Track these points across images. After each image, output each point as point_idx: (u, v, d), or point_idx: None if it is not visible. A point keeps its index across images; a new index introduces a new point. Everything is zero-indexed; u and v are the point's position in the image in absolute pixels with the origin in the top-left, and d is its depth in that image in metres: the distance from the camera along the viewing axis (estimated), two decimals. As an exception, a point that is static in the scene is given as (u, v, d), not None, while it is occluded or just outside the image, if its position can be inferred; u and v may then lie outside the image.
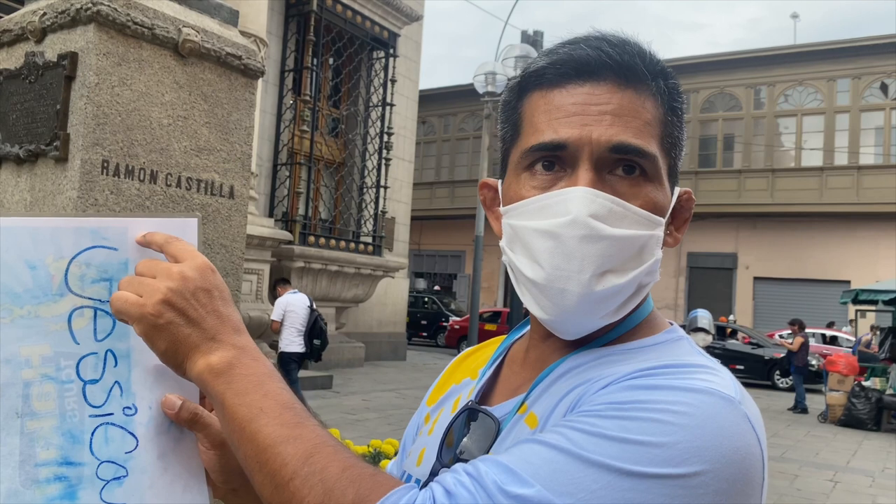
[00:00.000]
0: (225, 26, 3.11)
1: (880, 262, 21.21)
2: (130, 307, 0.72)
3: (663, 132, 0.76)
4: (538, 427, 0.74)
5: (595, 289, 0.72)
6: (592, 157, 0.73)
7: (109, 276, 0.76)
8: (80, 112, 2.54)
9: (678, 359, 0.73)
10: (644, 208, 0.74)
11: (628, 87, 0.74)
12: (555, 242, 0.72)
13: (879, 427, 11.37)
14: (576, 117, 0.74)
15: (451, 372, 1.00)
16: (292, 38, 13.33)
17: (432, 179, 28.62)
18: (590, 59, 0.74)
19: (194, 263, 0.74)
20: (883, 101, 22.28)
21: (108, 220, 0.77)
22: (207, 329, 0.72)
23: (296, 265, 11.96)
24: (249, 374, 0.71)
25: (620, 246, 0.72)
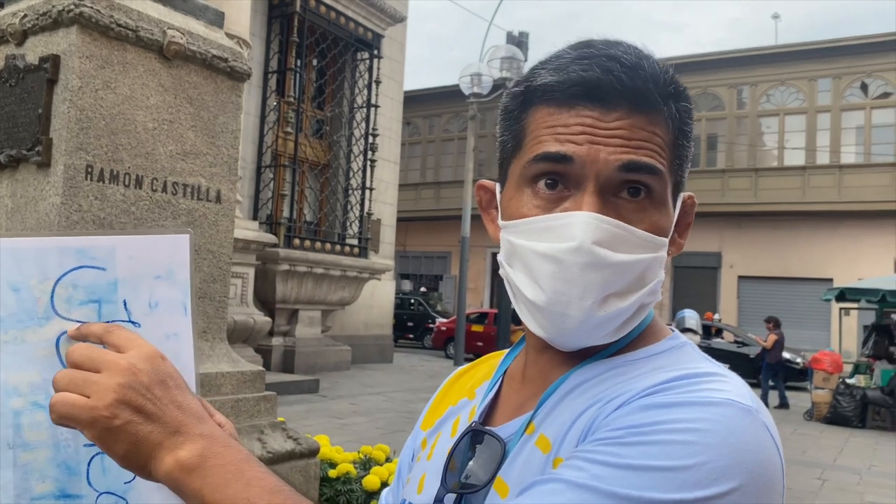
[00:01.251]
0: (210, 28, 3.06)
1: (862, 260, 21.41)
2: (80, 411, 0.64)
3: (673, 155, 0.75)
4: (552, 452, 0.71)
5: (597, 314, 0.71)
6: (599, 178, 0.71)
7: (98, 297, 0.71)
8: (63, 116, 2.48)
9: (687, 368, 0.71)
10: (649, 231, 0.73)
11: (640, 112, 0.73)
12: (557, 267, 0.71)
13: (864, 424, 11.46)
14: (583, 136, 0.72)
15: (444, 392, 0.97)
16: (275, 39, 13.24)
17: (417, 181, 28.58)
18: (601, 83, 0.72)
19: (142, 353, 0.67)
20: (863, 100, 22.50)
21: (95, 238, 0.72)
22: (169, 423, 0.65)
23: (281, 268, 11.88)
24: (225, 463, 0.64)
25: (624, 271, 0.71)
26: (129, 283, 0.72)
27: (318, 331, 13.18)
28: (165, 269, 0.74)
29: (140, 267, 0.73)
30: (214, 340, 3.01)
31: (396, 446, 5.44)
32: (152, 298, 0.73)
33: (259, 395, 3.09)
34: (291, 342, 12.46)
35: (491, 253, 26.97)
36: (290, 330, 12.63)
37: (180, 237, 0.75)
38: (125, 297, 0.72)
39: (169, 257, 0.74)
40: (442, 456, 0.82)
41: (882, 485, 7.37)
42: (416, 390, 11.94)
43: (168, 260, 0.74)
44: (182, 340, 0.74)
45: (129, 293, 0.72)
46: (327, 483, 3.81)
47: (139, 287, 0.73)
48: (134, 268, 0.73)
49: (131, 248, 0.73)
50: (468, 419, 0.84)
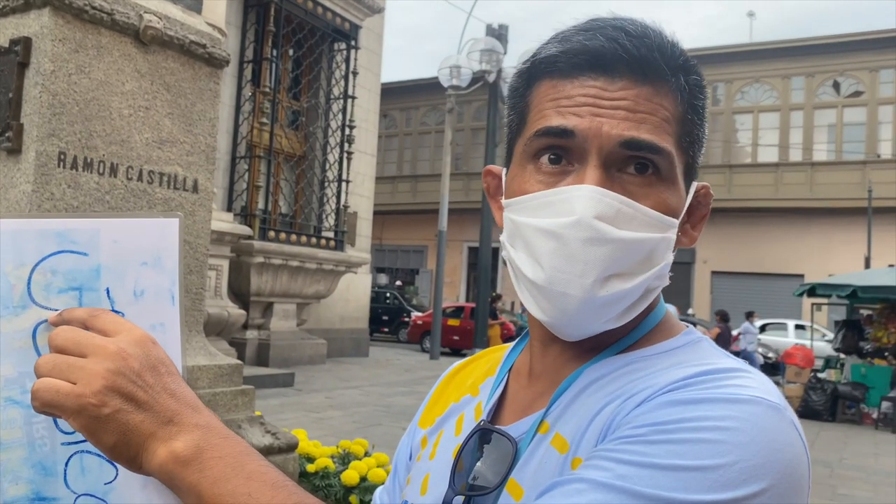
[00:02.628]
0: (188, 13, 2.98)
1: (833, 256, 21.75)
2: (65, 399, 0.59)
3: (681, 130, 0.71)
4: (570, 451, 0.67)
5: (598, 294, 0.67)
6: (602, 152, 0.68)
7: (79, 284, 0.66)
8: (35, 101, 2.40)
9: (708, 363, 0.67)
10: (656, 209, 0.69)
11: (645, 82, 0.69)
12: (557, 243, 0.68)
13: (835, 418, 11.64)
14: (586, 108, 0.69)
15: (442, 389, 0.93)
16: (251, 28, 13.07)
17: (394, 174, 28.49)
18: (605, 51, 0.69)
19: (132, 337, 0.62)
20: (835, 98, 22.83)
21: (77, 220, 0.67)
22: (162, 412, 0.60)
23: (255, 261, 11.75)
24: (224, 455, 0.60)
25: (628, 249, 0.67)
26: (113, 269, 0.67)
27: (293, 324, 13.07)
28: (152, 255, 0.69)
29: (125, 252, 0.68)
30: (191, 333, 2.94)
31: (373, 440, 5.40)
32: (138, 286, 0.68)
33: (236, 388, 3.03)
34: (266, 335, 12.34)
35: (468, 247, 26.99)
36: (264, 323, 12.52)
37: (169, 221, 0.70)
38: (108, 285, 0.67)
39: (156, 243, 0.69)
40: (446, 455, 0.78)
41: (853, 477, 7.48)
42: (393, 384, 11.89)
43: (155, 245, 0.69)
44: (169, 331, 0.68)
45: (113, 280, 0.67)
46: (305, 478, 3.76)
47: (124, 274, 0.68)
48: (119, 253, 0.68)
49: (116, 231, 0.68)
50: (474, 417, 0.81)
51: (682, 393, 0.62)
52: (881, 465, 8.30)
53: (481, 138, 24.33)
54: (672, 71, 0.71)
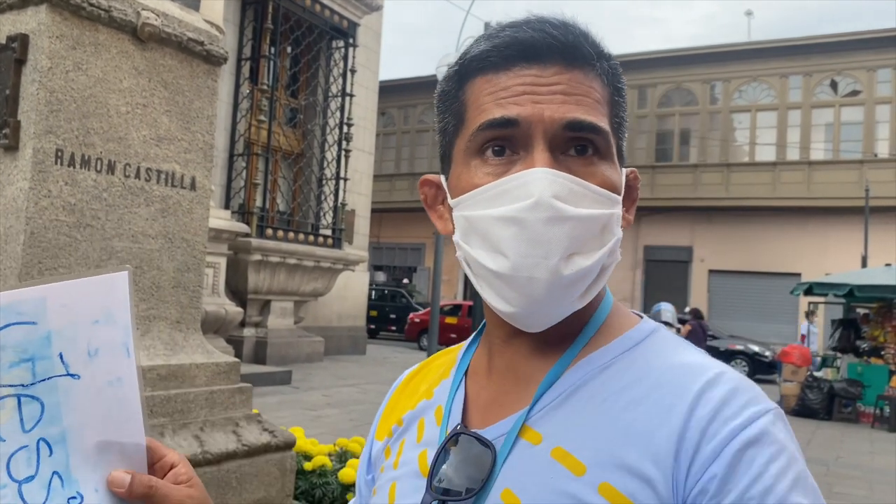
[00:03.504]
0: (186, 10, 2.97)
1: (830, 255, 21.77)
2: None
3: (611, 112, 0.75)
4: (589, 475, 0.66)
5: (564, 273, 0.69)
6: (547, 136, 0.70)
7: (30, 355, 0.66)
8: (32, 98, 2.39)
9: (692, 362, 0.71)
10: (602, 187, 0.71)
11: (575, 67, 0.72)
12: (518, 228, 0.68)
13: (831, 416, 11.66)
14: (525, 96, 0.71)
15: (396, 399, 0.91)
16: (249, 25, 13.05)
17: (392, 171, 28.46)
18: (535, 40, 0.72)
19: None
20: (833, 97, 22.84)
21: (21, 291, 0.66)
22: None
23: (253, 258, 11.74)
24: None
25: (584, 226, 0.69)
26: (63, 333, 0.67)
27: (290, 322, 13.06)
28: (103, 312, 0.68)
29: (75, 314, 0.67)
30: (188, 331, 2.94)
31: (371, 438, 5.40)
32: (91, 345, 0.67)
33: (234, 386, 3.02)
34: (263, 333, 12.33)
35: (465, 245, 26.96)
36: (262, 321, 12.51)
37: (117, 276, 0.69)
38: (61, 350, 0.67)
39: (106, 299, 0.68)
40: (410, 463, 0.78)
41: (849, 476, 7.50)
42: (390, 382, 11.74)
43: (105, 302, 0.68)
44: (126, 384, 0.68)
45: (65, 344, 0.67)
46: (302, 476, 3.76)
47: (76, 336, 0.67)
48: (68, 316, 0.67)
49: (63, 295, 0.67)
50: (436, 421, 0.80)
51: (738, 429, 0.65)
52: (877, 463, 8.32)
53: (479, 136, 24.26)
54: (598, 56, 0.74)
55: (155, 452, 0.72)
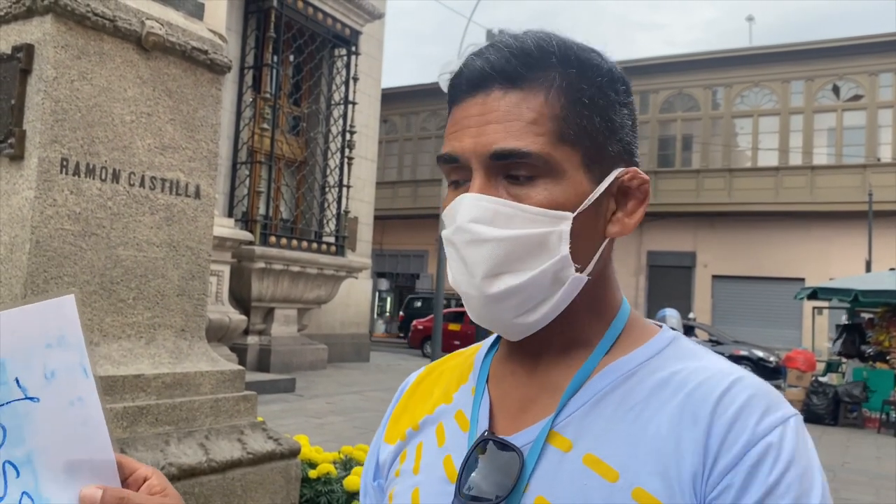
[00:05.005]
0: (190, 19, 2.99)
1: (833, 260, 21.74)
2: None
3: (560, 126, 0.73)
4: (623, 482, 0.68)
5: (489, 291, 0.73)
6: (481, 165, 0.73)
7: None
8: (37, 107, 2.40)
9: (712, 366, 0.73)
10: (541, 205, 0.72)
11: (513, 89, 0.73)
12: (452, 249, 0.75)
13: (837, 422, 11.62)
14: (467, 130, 0.74)
15: (405, 403, 0.91)
16: (252, 34, 13.10)
17: (395, 179, 28.50)
18: (476, 70, 0.75)
19: None
20: (835, 102, 22.84)
21: None
22: None
23: (256, 266, 11.75)
24: None
25: (510, 246, 0.72)
26: (17, 359, 0.68)
27: (294, 329, 13.06)
28: (55, 335, 0.69)
29: (26, 340, 0.68)
30: (193, 339, 2.94)
31: (375, 446, 5.38)
32: (47, 368, 0.69)
33: (239, 394, 3.02)
34: (267, 341, 12.33)
35: (468, 251, 26.96)
36: (265, 328, 12.51)
37: (63, 299, 0.70)
38: (16, 375, 0.68)
39: (56, 322, 0.69)
40: (433, 468, 0.79)
41: (855, 481, 7.47)
42: (394, 389, 11.74)
43: (56, 325, 0.69)
44: (88, 404, 0.69)
45: (20, 370, 0.68)
46: (307, 484, 3.75)
47: (30, 361, 0.68)
48: (19, 342, 0.68)
49: (12, 322, 0.68)
50: (459, 427, 0.81)
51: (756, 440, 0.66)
52: (883, 468, 8.28)
53: (481, 143, 24.29)
54: (539, 70, 0.73)
55: (126, 468, 0.73)
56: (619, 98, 0.77)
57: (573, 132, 0.73)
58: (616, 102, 0.76)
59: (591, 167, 0.74)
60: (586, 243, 0.75)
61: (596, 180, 0.75)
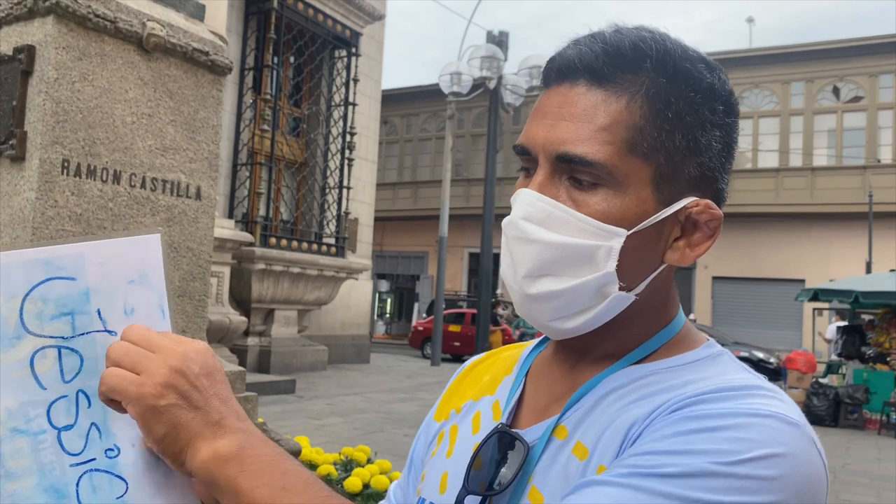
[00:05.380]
0: (191, 20, 2.99)
1: (833, 261, 21.74)
2: (129, 385, 0.64)
3: (635, 136, 0.69)
4: (589, 458, 0.69)
5: (528, 291, 0.72)
6: (548, 160, 0.72)
7: (70, 309, 0.68)
8: (39, 108, 2.40)
9: (730, 379, 0.68)
10: (594, 217, 0.69)
11: (598, 87, 0.71)
12: (504, 240, 0.75)
13: (837, 423, 11.61)
14: (544, 119, 0.73)
15: (458, 383, 0.94)
16: (252, 35, 13.10)
17: (395, 180, 28.51)
18: (566, 59, 0.72)
19: (195, 346, 0.68)
20: (835, 103, 22.85)
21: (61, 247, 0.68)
22: (212, 413, 0.65)
23: (257, 267, 11.75)
24: (262, 455, 0.64)
25: (557, 251, 0.70)
26: (101, 291, 0.69)
27: (294, 331, 13.06)
28: (138, 272, 0.70)
29: (112, 273, 0.69)
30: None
31: (375, 447, 5.39)
32: (127, 304, 0.70)
33: (239, 396, 3.02)
34: (267, 342, 12.33)
35: (468, 253, 26.98)
36: (265, 330, 12.51)
37: (150, 237, 0.71)
38: (99, 307, 0.69)
39: (141, 260, 0.70)
40: (464, 455, 0.79)
41: (856, 482, 7.47)
42: (394, 391, 11.88)
43: (140, 263, 0.70)
44: None
45: (103, 301, 0.69)
46: (308, 485, 3.75)
47: (113, 294, 0.69)
48: (105, 274, 0.69)
49: (100, 253, 0.69)
50: (492, 417, 0.82)
51: (700, 408, 0.63)
52: (884, 470, 8.28)
53: (482, 145, 24.35)
54: (629, 72, 0.70)
55: None
56: (712, 117, 0.71)
57: (647, 145, 0.70)
58: (707, 122, 0.71)
59: (660, 186, 0.70)
60: (639, 264, 0.71)
61: (663, 202, 0.71)
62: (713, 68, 0.73)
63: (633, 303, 0.72)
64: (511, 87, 10.85)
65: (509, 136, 25.49)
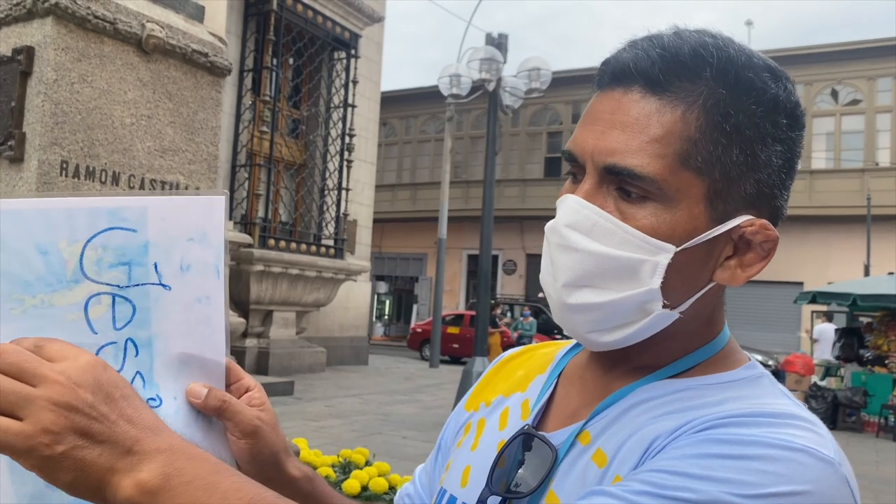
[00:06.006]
0: (190, 22, 2.99)
1: (832, 264, 21.76)
2: (14, 438, 0.54)
3: (689, 149, 0.66)
4: (608, 467, 0.67)
5: (567, 300, 0.70)
6: (597, 168, 0.69)
7: (128, 259, 0.69)
8: (37, 110, 2.40)
9: (765, 404, 0.65)
10: (642, 230, 0.67)
11: (653, 95, 0.67)
12: (546, 245, 0.72)
13: (835, 426, 11.61)
14: (595, 126, 0.70)
15: (492, 375, 0.93)
16: (251, 37, 13.11)
17: (394, 182, 28.50)
18: (621, 63, 0.69)
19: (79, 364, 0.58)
20: (833, 106, 22.88)
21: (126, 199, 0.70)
22: (120, 441, 0.56)
23: (255, 269, 11.74)
24: (193, 479, 0.56)
25: (599, 262, 0.68)
26: (160, 245, 0.70)
27: (292, 332, 13.05)
28: (199, 231, 0.71)
29: (172, 229, 0.71)
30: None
31: (373, 449, 5.38)
32: (184, 261, 0.71)
33: (237, 397, 3.03)
34: (265, 344, 12.32)
35: (467, 255, 26.98)
36: (264, 331, 12.50)
37: (215, 199, 0.72)
38: (156, 260, 0.70)
39: (203, 219, 0.72)
40: (489, 450, 0.78)
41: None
42: (392, 392, 11.87)
43: (202, 222, 0.72)
44: (214, 304, 0.72)
45: (161, 255, 0.70)
46: (306, 487, 3.75)
47: (171, 249, 0.70)
48: (166, 230, 0.70)
49: (164, 209, 0.71)
50: (520, 415, 0.81)
51: (728, 431, 0.60)
52: (882, 472, 8.28)
53: (481, 146, 24.36)
54: (686, 80, 0.67)
55: (232, 373, 0.75)
56: (774, 131, 0.67)
57: (702, 159, 0.66)
58: (769, 136, 0.67)
59: (714, 203, 0.67)
60: (685, 281, 0.68)
61: (716, 219, 0.68)
62: (779, 77, 0.69)
63: (675, 321, 0.69)
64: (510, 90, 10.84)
65: (508, 139, 25.50)
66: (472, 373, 8.93)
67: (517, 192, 25.98)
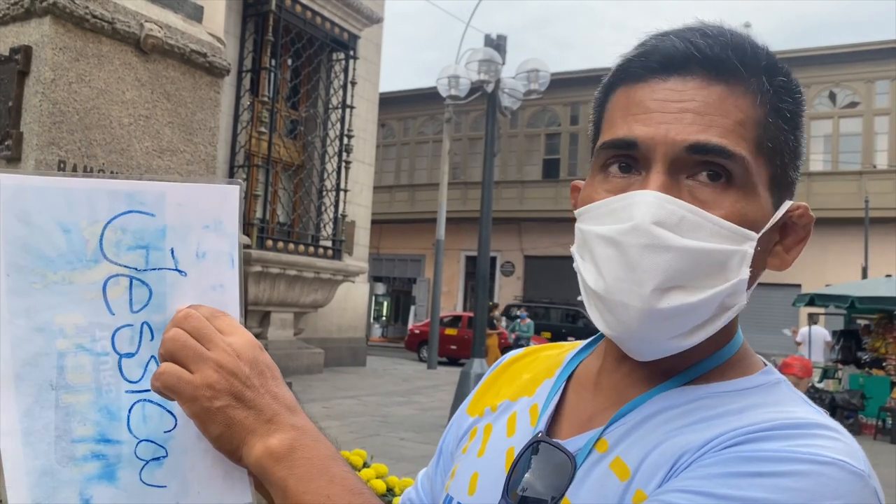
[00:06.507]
0: (189, 22, 2.98)
1: (829, 266, 21.77)
2: (184, 386, 0.64)
3: (761, 135, 0.66)
4: (630, 480, 0.65)
5: (657, 306, 0.64)
6: (667, 158, 0.66)
7: (146, 243, 0.70)
8: (35, 109, 2.39)
9: (788, 413, 0.64)
10: (728, 219, 0.65)
11: (718, 82, 0.66)
12: (616, 251, 0.66)
13: (832, 428, 11.63)
14: (654, 114, 0.67)
15: (493, 379, 0.91)
16: (250, 38, 13.10)
17: (392, 183, 28.50)
18: (676, 51, 0.67)
19: (245, 340, 0.67)
20: (831, 109, 22.92)
21: (145, 183, 0.71)
22: (264, 411, 0.65)
23: (253, 270, 11.73)
24: (312, 457, 0.64)
25: (692, 259, 0.64)
26: (177, 230, 0.71)
27: (290, 333, 13.04)
28: (214, 219, 0.72)
29: (189, 215, 0.72)
30: (190, 343, 2.93)
31: (371, 451, 5.37)
32: (200, 248, 0.72)
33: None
34: (263, 344, 12.24)
35: (465, 256, 26.98)
36: (262, 332, 12.48)
37: (230, 188, 0.74)
38: (173, 245, 0.71)
39: (218, 207, 0.73)
40: (498, 457, 0.77)
41: (852, 488, 7.47)
42: (390, 394, 11.86)
43: (217, 210, 0.73)
44: (228, 292, 0.73)
45: (177, 241, 0.71)
46: (303, 489, 3.74)
47: (187, 235, 0.71)
48: (183, 216, 0.71)
49: (181, 195, 0.71)
50: (529, 421, 0.79)
51: (757, 447, 0.60)
52: (880, 475, 8.22)
53: (479, 148, 24.37)
54: (751, 70, 0.67)
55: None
56: (802, 122, 0.71)
57: (771, 146, 0.67)
58: (802, 126, 0.71)
59: (772, 189, 0.68)
60: (755, 271, 0.68)
61: (775, 205, 0.69)
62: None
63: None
64: (509, 91, 10.84)
65: (506, 140, 25.49)
66: (470, 374, 8.93)
67: (515, 194, 25.99)
